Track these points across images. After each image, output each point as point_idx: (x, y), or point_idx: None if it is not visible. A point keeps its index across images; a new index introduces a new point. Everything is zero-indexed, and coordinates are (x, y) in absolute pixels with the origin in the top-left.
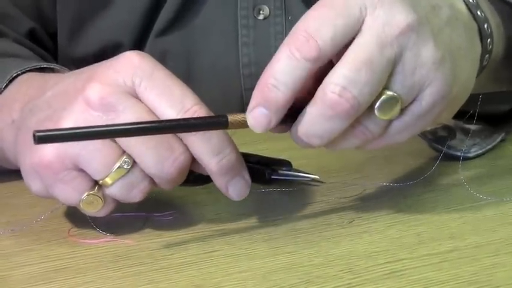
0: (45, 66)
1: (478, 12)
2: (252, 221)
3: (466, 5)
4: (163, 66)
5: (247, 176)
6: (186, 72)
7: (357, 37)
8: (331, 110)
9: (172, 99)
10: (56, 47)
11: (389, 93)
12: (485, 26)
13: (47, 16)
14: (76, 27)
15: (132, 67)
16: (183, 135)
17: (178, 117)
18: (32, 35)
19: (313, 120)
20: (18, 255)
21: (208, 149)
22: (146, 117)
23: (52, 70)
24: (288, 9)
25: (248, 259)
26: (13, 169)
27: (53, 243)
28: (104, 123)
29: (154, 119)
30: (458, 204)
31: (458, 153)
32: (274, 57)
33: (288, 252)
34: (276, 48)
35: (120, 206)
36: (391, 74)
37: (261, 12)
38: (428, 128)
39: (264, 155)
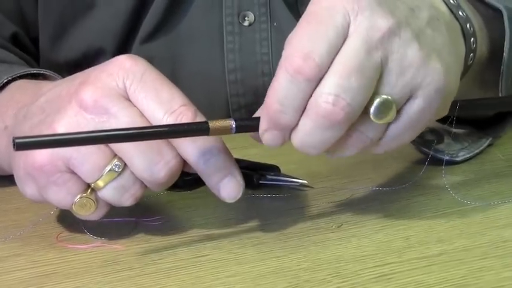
0: (35, 72)
1: (460, 13)
2: (241, 225)
3: (447, 6)
4: (154, 69)
5: (239, 177)
6: (171, 78)
7: (343, 44)
8: (326, 120)
9: (160, 101)
10: (38, 52)
11: (383, 96)
12: (468, 25)
13: (29, 21)
14: (58, 32)
15: (124, 70)
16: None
17: (165, 117)
18: (14, 40)
19: (309, 132)
20: (6, 261)
21: (194, 150)
22: (138, 120)
23: (43, 76)
24: (273, 16)
25: (237, 263)
26: (3, 175)
27: (41, 249)
28: (95, 128)
29: (145, 122)
30: (446, 208)
31: (447, 157)
32: (274, 82)
33: (277, 256)
34: (262, 54)
35: (109, 211)
36: (381, 78)
37: (246, 18)
38: None
39: (253, 160)
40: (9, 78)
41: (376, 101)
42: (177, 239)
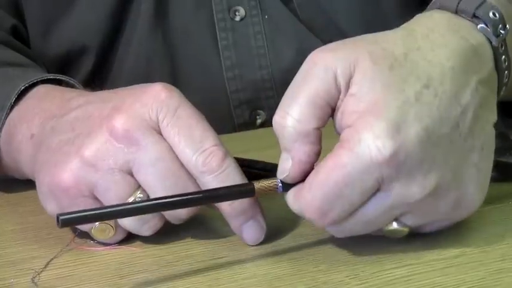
0: (51, 77)
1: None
2: None
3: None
4: (189, 103)
5: (262, 221)
6: (171, 77)
7: (367, 201)
8: None
9: (192, 139)
10: None
11: (394, 226)
12: (503, 58)
13: (24, 14)
14: (43, 28)
15: (158, 102)
16: (198, 176)
17: (195, 157)
18: (14, 32)
19: None
20: (23, 263)
21: None
22: (167, 155)
23: (59, 82)
24: (264, 8)
25: (254, 265)
26: (20, 178)
27: (58, 251)
28: (123, 157)
29: (174, 157)
30: None
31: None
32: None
33: (294, 258)
34: (258, 48)
35: None
36: (401, 215)
37: (237, 13)
38: None
39: (269, 162)
40: (26, 85)
41: (388, 229)
42: (194, 241)
